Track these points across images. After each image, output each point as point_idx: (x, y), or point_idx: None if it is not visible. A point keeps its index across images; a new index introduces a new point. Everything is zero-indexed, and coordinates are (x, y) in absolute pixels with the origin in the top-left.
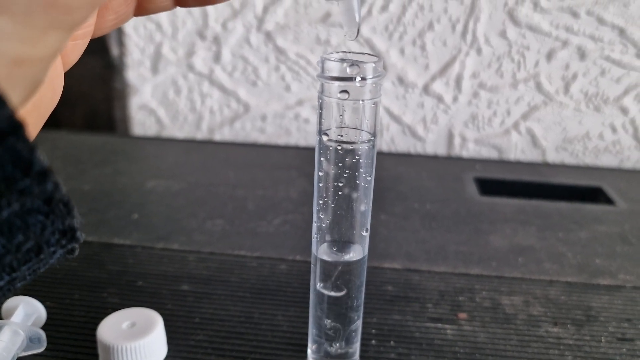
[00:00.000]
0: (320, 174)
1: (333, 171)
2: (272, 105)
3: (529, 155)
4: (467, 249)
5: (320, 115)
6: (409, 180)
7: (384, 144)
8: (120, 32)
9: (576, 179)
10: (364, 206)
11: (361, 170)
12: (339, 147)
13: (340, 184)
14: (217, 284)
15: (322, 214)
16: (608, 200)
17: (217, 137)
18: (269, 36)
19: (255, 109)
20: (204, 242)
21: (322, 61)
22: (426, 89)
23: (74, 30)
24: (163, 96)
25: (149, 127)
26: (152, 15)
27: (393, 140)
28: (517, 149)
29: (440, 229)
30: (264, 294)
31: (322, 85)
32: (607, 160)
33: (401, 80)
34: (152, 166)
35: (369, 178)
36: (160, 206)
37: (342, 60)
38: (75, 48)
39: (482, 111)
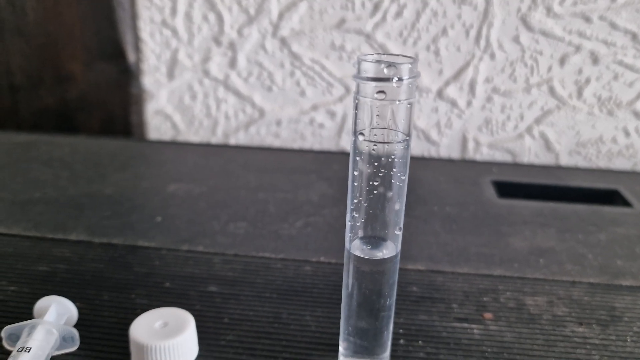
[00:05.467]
0: (356, 173)
1: (368, 170)
2: (287, 111)
3: (543, 159)
4: (489, 250)
5: (356, 115)
6: (426, 184)
7: None
8: (136, 38)
9: (592, 182)
10: (398, 205)
11: (395, 169)
12: (374, 147)
13: (375, 183)
14: (244, 285)
15: (356, 213)
16: (625, 203)
17: (232, 141)
18: (284, 42)
19: (270, 114)
20: (228, 245)
21: (359, 62)
22: (440, 94)
23: None
24: (179, 101)
25: (164, 132)
26: (169, 22)
27: None
28: (531, 153)
29: (460, 231)
30: (291, 294)
31: (357, 86)
32: (620, 164)
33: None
34: (171, 170)
35: (403, 177)
36: (183, 209)
37: (379, 61)
38: None
39: (495, 116)
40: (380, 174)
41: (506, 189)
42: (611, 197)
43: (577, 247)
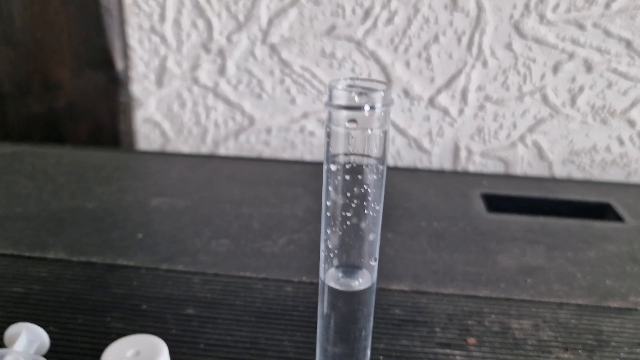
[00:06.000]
0: (328, 203)
1: (341, 201)
2: (277, 118)
3: (536, 167)
4: (475, 269)
5: (328, 144)
6: (415, 197)
7: (389, 158)
8: (125, 46)
9: (584, 194)
10: (373, 236)
11: (370, 199)
12: (347, 177)
13: (349, 214)
14: (222, 308)
15: (329, 244)
16: (617, 217)
17: (222, 150)
18: (273, 49)
19: (260, 122)
20: (209, 263)
21: (330, 89)
22: (432, 102)
23: None
24: (168, 109)
25: (153, 140)
26: (157, 28)
27: (399, 153)
28: (524, 162)
29: (447, 249)
30: (270, 317)
31: (329, 114)
32: (614, 173)
33: (407, 93)
34: (156, 183)
35: (377, 207)
36: (165, 225)
37: (350, 86)
38: None
39: (488, 124)
40: (353, 205)
41: (496, 203)
42: (603, 211)
43: (566, 265)
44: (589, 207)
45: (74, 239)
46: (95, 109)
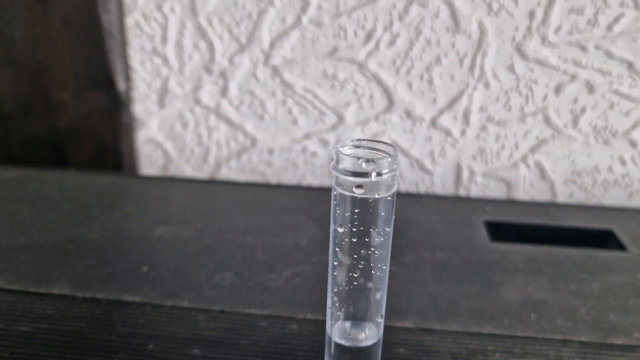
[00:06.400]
0: (335, 263)
1: (348, 262)
2: (279, 139)
3: (538, 188)
4: (479, 303)
5: (335, 207)
6: (418, 225)
7: None
8: (127, 67)
9: (587, 221)
10: (379, 294)
11: (377, 258)
12: (354, 239)
13: (355, 274)
14: (228, 348)
15: (337, 301)
16: (619, 246)
17: (224, 170)
18: (275, 70)
19: (262, 143)
20: (214, 299)
21: (337, 154)
22: (434, 123)
23: None
24: (170, 130)
25: (155, 160)
26: (159, 50)
27: (401, 174)
28: (526, 182)
29: (451, 281)
30: (275, 358)
31: (336, 178)
32: (615, 194)
33: (409, 114)
34: (160, 210)
35: (384, 267)
36: (169, 256)
37: (357, 146)
38: None
39: (490, 145)
40: (360, 266)
41: (499, 230)
42: (605, 239)
43: (570, 298)
44: (591, 234)
45: (79, 271)
46: (97, 129)
